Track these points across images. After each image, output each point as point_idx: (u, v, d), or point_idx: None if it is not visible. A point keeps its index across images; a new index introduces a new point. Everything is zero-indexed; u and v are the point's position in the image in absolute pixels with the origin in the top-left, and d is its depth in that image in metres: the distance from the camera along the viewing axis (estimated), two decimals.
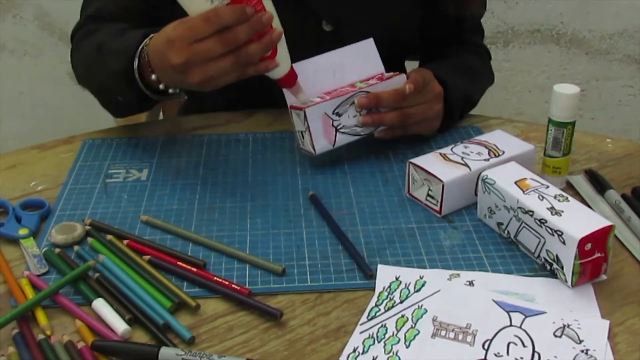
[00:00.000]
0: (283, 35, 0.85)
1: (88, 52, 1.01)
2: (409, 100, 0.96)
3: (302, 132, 0.95)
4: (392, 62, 1.22)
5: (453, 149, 0.91)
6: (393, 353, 0.66)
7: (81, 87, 1.07)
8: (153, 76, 0.90)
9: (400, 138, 0.99)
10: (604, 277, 0.76)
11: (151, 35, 0.90)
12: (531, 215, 0.77)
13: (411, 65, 1.21)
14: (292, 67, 0.89)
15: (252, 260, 0.77)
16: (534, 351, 0.66)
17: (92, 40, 1.01)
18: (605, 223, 0.73)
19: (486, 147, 0.91)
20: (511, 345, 0.66)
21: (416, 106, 0.97)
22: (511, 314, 0.70)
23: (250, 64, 0.84)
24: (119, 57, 0.92)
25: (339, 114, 0.94)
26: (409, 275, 0.76)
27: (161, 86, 0.91)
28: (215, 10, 0.80)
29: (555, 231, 0.74)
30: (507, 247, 0.81)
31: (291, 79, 0.89)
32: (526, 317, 0.69)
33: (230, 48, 0.81)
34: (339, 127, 0.95)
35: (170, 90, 0.93)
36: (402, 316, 0.70)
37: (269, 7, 0.84)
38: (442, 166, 0.87)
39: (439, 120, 1.02)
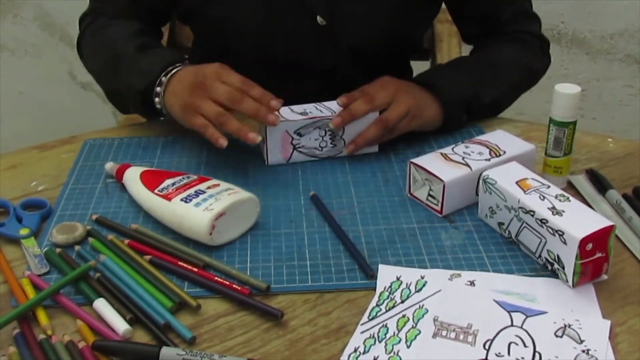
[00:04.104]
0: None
1: (102, 55, 1.07)
2: (376, 106, 0.95)
3: (263, 138, 0.95)
4: (394, 59, 1.22)
5: (454, 149, 0.90)
6: (394, 353, 0.66)
7: (81, 87, 1.10)
8: (157, 99, 0.97)
9: (401, 138, 0.99)
10: (605, 277, 0.76)
11: (178, 66, 0.97)
12: (532, 215, 0.76)
13: (420, 66, 1.20)
14: None
15: (238, 275, 0.76)
16: (535, 351, 0.66)
17: (105, 40, 1.07)
18: (606, 223, 0.73)
19: (487, 147, 0.91)
20: (512, 345, 0.66)
21: (388, 110, 0.96)
22: (512, 314, 0.70)
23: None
24: (140, 77, 0.98)
25: (300, 134, 0.96)
26: (410, 275, 0.76)
27: (158, 106, 0.98)
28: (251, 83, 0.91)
29: (556, 231, 0.74)
30: (508, 247, 0.81)
31: None
32: (527, 317, 0.69)
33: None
34: (297, 146, 0.97)
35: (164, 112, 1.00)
36: (403, 316, 0.70)
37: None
38: (443, 166, 0.87)
39: (428, 110, 1.00)
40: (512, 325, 0.68)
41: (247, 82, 0.91)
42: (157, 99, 0.97)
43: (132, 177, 0.90)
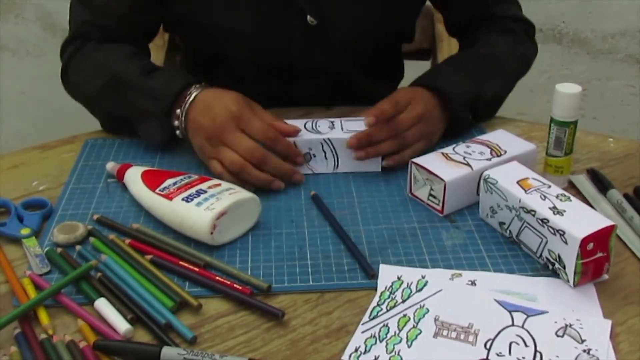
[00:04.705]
0: None
1: (99, 79, 1.02)
2: (400, 126, 0.94)
3: None
4: (386, 54, 1.22)
5: (455, 149, 0.90)
6: (395, 353, 0.66)
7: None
8: (176, 122, 0.95)
9: None
10: (605, 276, 0.76)
11: (197, 88, 0.95)
12: (533, 215, 0.77)
13: (420, 66, 1.19)
14: None
15: (239, 275, 0.76)
16: (535, 351, 0.66)
17: (101, 64, 1.03)
18: (607, 223, 0.73)
19: (488, 146, 0.91)
20: (513, 345, 0.66)
21: (409, 130, 0.95)
22: (513, 313, 0.70)
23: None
24: (153, 100, 0.96)
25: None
26: (410, 274, 0.76)
27: (177, 131, 0.97)
28: (276, 133, 0.91)
29: (557, 231, 0.74)
30: (509, 247, 0.81)
31: None
32: (528, 316, 0.69)
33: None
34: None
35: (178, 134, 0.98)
36: (404, 316, 0.70)
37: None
38: (444, 166, 0.87)
39: (437, 135, 1.01)
40: (513, 324, 0.68)
41: (269, 135, 0.91)
42: (176, 122, 0.96)
43: (133, 176, 0.90)
